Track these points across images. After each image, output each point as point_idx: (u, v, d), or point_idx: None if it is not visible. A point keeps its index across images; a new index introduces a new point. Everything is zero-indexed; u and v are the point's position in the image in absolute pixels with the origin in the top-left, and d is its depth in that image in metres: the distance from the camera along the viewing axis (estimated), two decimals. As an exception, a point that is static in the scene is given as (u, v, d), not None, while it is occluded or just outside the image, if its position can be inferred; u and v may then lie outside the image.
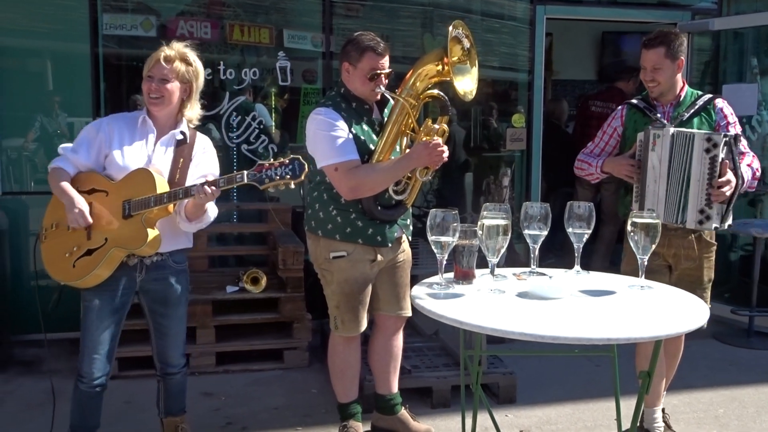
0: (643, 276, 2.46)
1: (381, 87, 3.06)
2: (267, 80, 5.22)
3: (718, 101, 3.25)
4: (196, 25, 5.03)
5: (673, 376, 3.47)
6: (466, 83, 3.06)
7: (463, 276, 2.49)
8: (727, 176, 3.00)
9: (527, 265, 2.63)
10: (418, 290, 2.41)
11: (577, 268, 2.59)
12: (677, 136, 3.06)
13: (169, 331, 2.98)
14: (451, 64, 2.97)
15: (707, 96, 3.27)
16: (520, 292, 2.37)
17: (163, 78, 2.77)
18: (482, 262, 2.47)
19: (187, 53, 2.84)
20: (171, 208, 2.77)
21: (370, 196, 3.03)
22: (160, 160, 2.82)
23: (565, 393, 4.05)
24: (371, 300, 3.25)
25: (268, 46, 5.18)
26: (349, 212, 3.09)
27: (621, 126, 3.35)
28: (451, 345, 4.26)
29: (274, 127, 5.31)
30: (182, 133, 2.87)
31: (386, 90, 3.08)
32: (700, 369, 4.45)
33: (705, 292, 3.24)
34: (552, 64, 7.75)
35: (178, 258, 2.93)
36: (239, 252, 5.19)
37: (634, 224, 2.40)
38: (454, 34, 2.98)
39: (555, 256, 5.77)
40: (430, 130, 3.05)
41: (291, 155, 2.64)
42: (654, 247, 2.40)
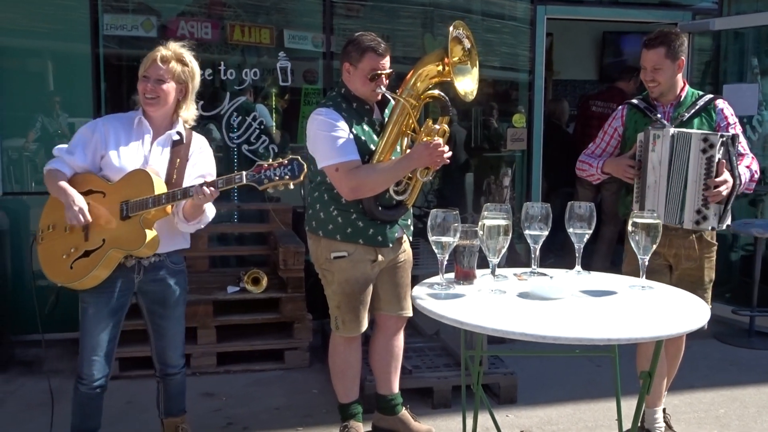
0: (644, 276, 2.46)
1: (382, 87, 3.06)
2: (267, 80, 5.22)
3: (719, 102, 3.25)
4: (196, 26, 5.03)
5: (674, 377, 3.46)
6: (467, 83, 3.06)
7: (464, 276, 2.48)
8: (723, 176, 2.99)
9: (528, 265, 2.63)
10: (418, 290, 2.41)
11: (577, 268, 2.58)
12: (677, 136, 3.06)
13: (168, 332, 2.97)
14: (452, 65, 2.97)
15: (708, 96, 3.26)
16: (521, 293, 2.36)
17: (159, 78, 2.76)
18: (483, 263, 2.47)
19: (183, 53, 2.83)
20: (169, 209, 2.76)
21: (371, 196, 3.03)
22: (157, 160, 2.80)
23: (566, 393, 4.05)
24: (372, 300, 3.25)
25: (268, 47, 5.18)
26: (350, 212, 3.09)
27: (621, 126, 3.35)
28: (451, 345, 4.26)
29: (274, 127, 5.30)
30: (178, 133, 2.85)
31: (387, 90, 3.08)
32: (701, 369, 4.45)
33: (706, 292, 3.23)
34: (552, 64, 7.75)
35: (175, 259, 2.92)
36: (240, 252, 5.19)
37: (635, 224, 2.39)
38: (454, 34, 2.98)
39: (556, 256, 5.76)
40: (431, 131, 3.04)
41: (290, 156, 2.63)
42: (655, 247, 2.39)
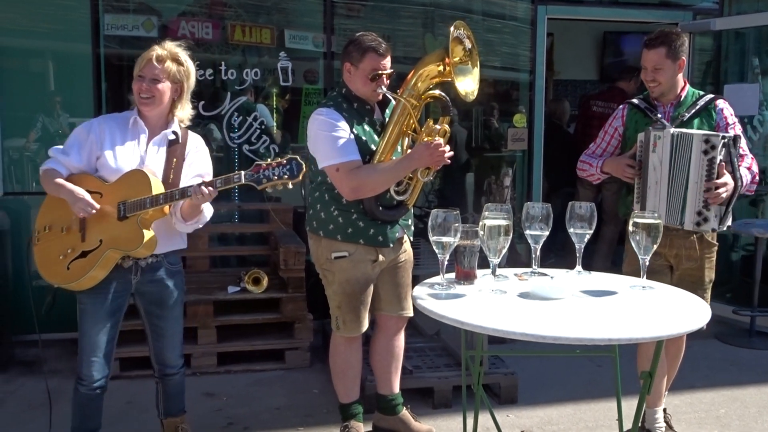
0: (645, 276, 2.46)
1: (382, 87, 3.06)
2: (268, 80, 5.22)
3: (719, 102, 3.24)
4: (197, 26, 5.03)
5: (674, 377, 3.46)
6: (468, 84, 3.05)
7: (465, 276, 2.48)
8: (724, 178, 2.99)
9: (528, 265, 2.63)
10: (419, 290, 2.41)
11: (578, 268, 2.58)
12: (677, 137, 3.06)
13: (166, 333, 2.97)
14: (453, 65, 2.97)
15: (708, 96, 3.26)
16: (522, 293, 2.36)
17: (154, 78, 2.74)
18: (483, 263, 2.47)
19: (178, 53, 2.82)
20: (167, 209, 2.76)
21: (372, 196, 3.03)
22: (153, 160, 2.80)
23: (567, 393, 4.04)
24: (373, 300, 3.25)
25: (269, 47, 5.18)
26: (351, 213, 3.09)
27: (622, 126, 3.34)
28: (452, 345, 4.26)
29: (275, 127, 5.30)
30: (174, 132, 2.85)
31: (388, 90, 3.08)
32: (702, 369, 4.44)
33: (706, 292, 3.23)
34: (553, 64, 7.75)
35: (172, 259, 2.92)
36: (241, 252, 5.19)
37: (636, 224, 2.39)
38: (455, 34, 2.98)
39: (556, 256, 5.76)
40: (432, 131, 3.04)
41: (289, 155, 2.62)
42: (655, 247, 2.39)
